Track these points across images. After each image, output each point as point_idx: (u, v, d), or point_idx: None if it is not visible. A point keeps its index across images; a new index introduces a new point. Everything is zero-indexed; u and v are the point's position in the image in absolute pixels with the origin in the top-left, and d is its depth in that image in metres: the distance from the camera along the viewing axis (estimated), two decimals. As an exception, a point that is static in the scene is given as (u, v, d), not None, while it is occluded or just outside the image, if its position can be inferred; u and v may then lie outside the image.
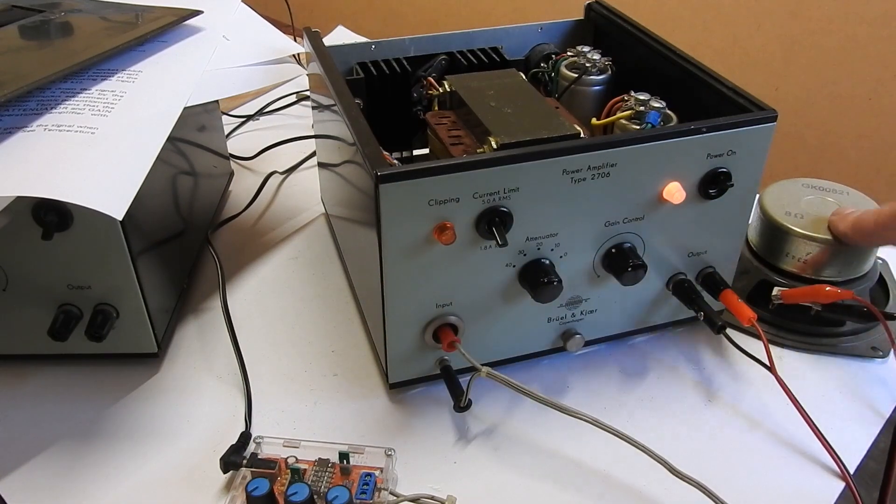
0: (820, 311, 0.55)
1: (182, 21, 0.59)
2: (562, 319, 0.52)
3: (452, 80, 0.57)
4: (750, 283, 0.59)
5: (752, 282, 0.59)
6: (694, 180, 0.49)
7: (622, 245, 0.50)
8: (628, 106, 0.54)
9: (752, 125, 0.48)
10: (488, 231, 0.45)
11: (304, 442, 0.47)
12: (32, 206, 0.46)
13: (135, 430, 0.50)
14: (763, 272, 0.58)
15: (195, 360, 0.56)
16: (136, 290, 0.50)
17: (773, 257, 0.58)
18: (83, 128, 0.46)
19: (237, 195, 0.75)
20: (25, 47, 0.55)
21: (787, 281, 0.57)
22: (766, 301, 0.57)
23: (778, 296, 0.55)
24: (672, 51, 0.56)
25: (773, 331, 0.58)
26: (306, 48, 0.60)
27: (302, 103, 0.92)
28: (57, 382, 0.53)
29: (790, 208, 0.58)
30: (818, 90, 1.62)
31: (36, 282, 0.50)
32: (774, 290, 0.56)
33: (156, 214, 0.55)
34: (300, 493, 0.42)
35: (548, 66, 0.63)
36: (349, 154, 0.50)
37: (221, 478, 0.46)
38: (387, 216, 0.44)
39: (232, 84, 0.57)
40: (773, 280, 0.57)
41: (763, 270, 0.58)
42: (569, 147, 0.45)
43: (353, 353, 0.57)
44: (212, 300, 0.61)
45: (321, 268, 0.66)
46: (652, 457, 0.44)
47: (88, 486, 0.46)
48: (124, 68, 0.53)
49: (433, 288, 0.47)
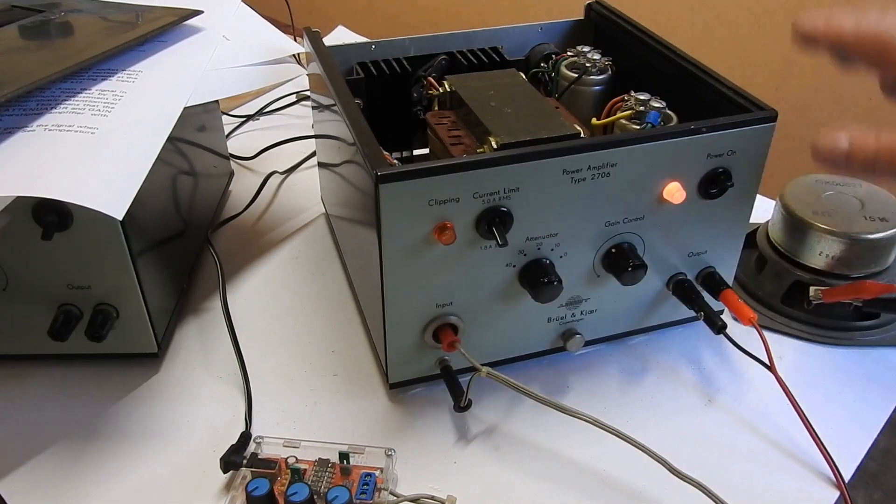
0: (861, 306, 0.56)
1: (182, 21, 0.59)
2: (562, 319, 0.52)
3: (452, 80, 0.57)
4: (783, 285, 0.59)
5: (786, 283, 0.59)
6: (694, 180, 0.49)
7: (622, 245, 0.50)
8: (628, 106, 0.54)
9: (752, 125, 0.48)
10: (488, 231, 0.45)
11: (304, 442, 0.47)
12: (32, 206, 0.46)
13: (135, 430, 0.50)
14: (795, 273, 0.59)
15: (195, 360, 0.56)
16: (136, 290, 0.50)
17: (803, 256, 0.58)
18: (83, 128, 0.46)
19: (237, 195, 0.75)
20: (25, 47, 0.55)
21: (817, 278, 0.58)
22: (800, 301, 0.57)
23: (817, 296, 0.56)
24: (672, 51, 0.56)
25: (811, 329, 0.58)
26: (306, 48, 0.60)
27: (302, 103, 0.92)
28: (57, 382, 0.53)
29: (815, 207, 0.58)
30: (818, 90, 1.62)
31: (36, 282, 0.50)
32: (812, 291, 0.56)
33: (156, 214, 0.55)
34: (300, 493, 0.42)
35: (548, 66, 0.63)
36: (349, 154, 0.50)
37: (221, 478, 0.46)
38: (387, 216, 0.44)
39: (232, 84, 0.57)
40: (807, 280, 0.58)
41: (794, 272, 0.59)
42: (569, 147, 0.45)
43: (353, 353, 0.57)
44: (212, 300, 0.61)
45: (321, 268, 0.66)
46: (652, 457, 0.44)
47: (88, 486, 0.46)
48: (124, 68, 0.53)
49: (433, 288, 0.47)
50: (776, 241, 0.60)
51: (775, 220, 0.60)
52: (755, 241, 0.63)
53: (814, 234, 0.57)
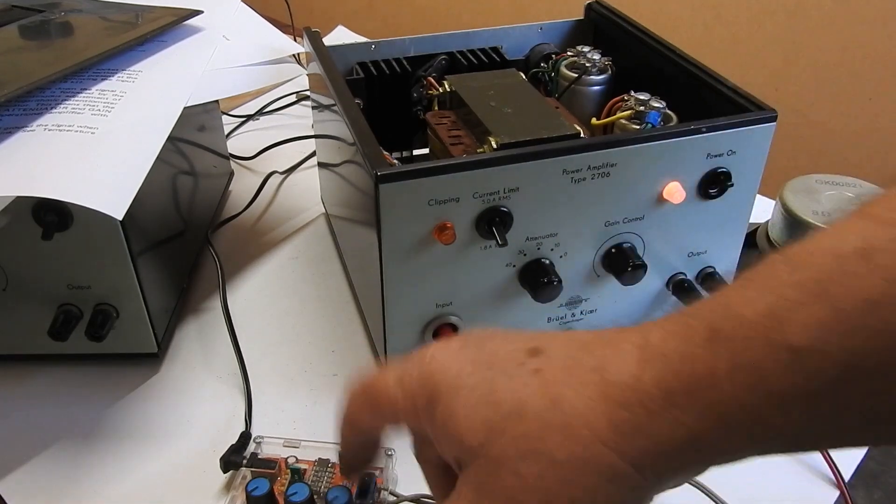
0: None
1: (182, 21, 0.59)
2: (562, 319, 0.52)
3: (452, 80, 0.56)
4: None
5: None
6: (694, 180, 0.49)
7: (622, 245, 0.50)
8: (628, 106, 0.54)
9: (752, 125, 0.48)
10: (488, 231, 0.45)
11: (304, 442, 0.47)
12: (32, 206, 0.46)
13: (135, 430, 0.50)
14: None
15: (195, 360, 0.56)
16: (136, 290, 0.50)
17: None
18: (83, 128, 0.46)
19: (237, 195, 0.75)
20: (25, 47, 0.55)
21: None
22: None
23: None
24: (672, 51, 0.56)
25: None
26: (306, 48, 0.60)
27: (302, 103, 0.92)
28: (57, 382, 0.53)
29: (815, 207, 0.58)
30: (818, 90, 1.62)
31: (36, 282, 0.50)
32: None
33: (156, 214, 0.55)
34: (300, 493, 0.42)
35: (548, 66, 0.63)
36: (349, 154, 0.50)
37: (221, 478, 0.46)
38: (387, 216, 0.44)
39: (232, 84, 0.57)
40: None
41: None
42: (569, 147, 0.45)
43: (353, 353, 0.57)
44: (212, 300, 0.61)
45: (321, 268, 0.66)
46: (652, 457, 0.44)
47: (88, 486, 0.46)
48: (124, 68, 0.53)
49: (433, 288, 0.47)
50: (776, 241, 0.60)
51: (775, 220, 0.60)
52: (755, 241, 0.63)
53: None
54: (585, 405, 0.25)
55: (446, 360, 0.28)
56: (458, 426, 0.27)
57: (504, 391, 0.26)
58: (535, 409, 0.25)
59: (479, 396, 0.27)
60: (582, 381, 0.25)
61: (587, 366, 0.26)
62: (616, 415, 0.24)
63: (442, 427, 0.28)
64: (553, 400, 0.25)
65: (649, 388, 0.24)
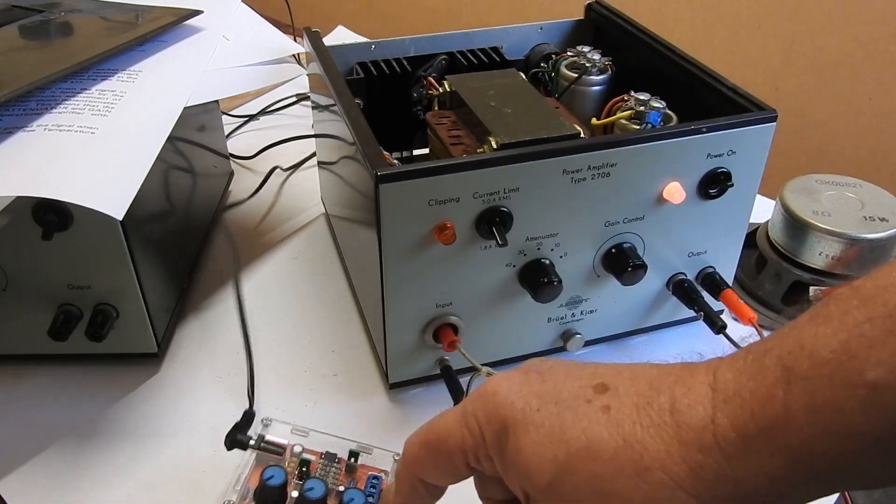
0: None
1: (182, 21, 0.59)
2: (562, 319, 0.52)
3: (452, 80, 0.57)
4: (783, 286, 0.59)
5: (786, 283, 0.59)
6: (694, 180, 0.49)
7: (622, 245, 0.50)
8: (628, 106, 0.54)
9: (752, 125, 0.48)
10: (488, 231, 0.45)
11: (312, 432, 0.46)
12: (32, 206, 0.46)
13: (135, 430, 0.50)
14: (795, 273, 0.59)
15: (195, 359, 0.56)
16: (136, 290, 0.50)
17: (803, 256, 0.58)
18: (83, 128, 0.46)
19: (237, 195, 0.75)
20: (25, 47, 0.55)
21: (817, 278, 0.58)
22: (801, 301, 0.58)
23: (817, 296, 0.56)
24: (672, 51, 0.56)
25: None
26: (306, 48, 0.60)
27: (302, 103, 0.92)
28: (57, 382, 0.53)
29: (815, 207, 0.58)
30: (818, 90, 1.62)
31: (36, 282, 0.50)
32: (812, 291, 0.56)
33: (156, 214, 0.55)
34: (317, 489, 0.41)
35: (548, 66, 0.63)
36: (349, 154, 0.50)
37: (221, 477, 0.46)
38: (387, 216, 0.44)
39: (232, 84, 0.57)
40: (807, 280, 0.58)
41: (794, 272, 0.59)
42: (569, 147, 0.45)
43: (353, 353, 0.57)
44: (212, 299, 0.61)
45: (321, 268, 0.66)
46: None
47: (88, 486, 0.46)
48: (124, 68, 0.53)
49: (433, 288, 0.47)
50: (776, 241, 0.60)
51: (775, 220, 0.61)
52: (755, 241, 0.63)
53: (814, 234, 0.57)
54: (660, 448, 0.24)
55: (510, 394, 0.28)
56: (528, 463, 0.27)
57: (573, 429, 0.26)
58: (608, 450, 0.25)
59: (547, 433, 0.26)
60: (654, 421, 0.25)
61: (658, 405, 0.25)
62: (694, 459, 0.24)
63: (512, 462, 0.27)
64: (626, 440, 0.25)
65: (726, 432, 0.24)
